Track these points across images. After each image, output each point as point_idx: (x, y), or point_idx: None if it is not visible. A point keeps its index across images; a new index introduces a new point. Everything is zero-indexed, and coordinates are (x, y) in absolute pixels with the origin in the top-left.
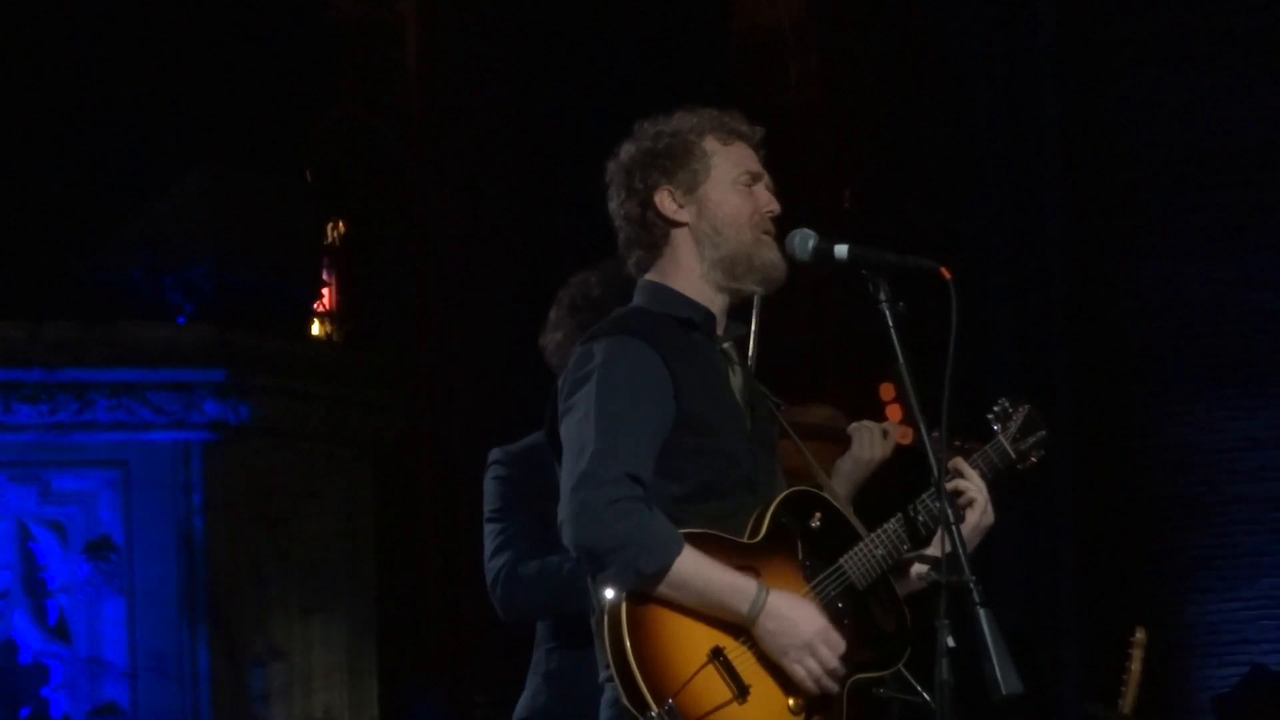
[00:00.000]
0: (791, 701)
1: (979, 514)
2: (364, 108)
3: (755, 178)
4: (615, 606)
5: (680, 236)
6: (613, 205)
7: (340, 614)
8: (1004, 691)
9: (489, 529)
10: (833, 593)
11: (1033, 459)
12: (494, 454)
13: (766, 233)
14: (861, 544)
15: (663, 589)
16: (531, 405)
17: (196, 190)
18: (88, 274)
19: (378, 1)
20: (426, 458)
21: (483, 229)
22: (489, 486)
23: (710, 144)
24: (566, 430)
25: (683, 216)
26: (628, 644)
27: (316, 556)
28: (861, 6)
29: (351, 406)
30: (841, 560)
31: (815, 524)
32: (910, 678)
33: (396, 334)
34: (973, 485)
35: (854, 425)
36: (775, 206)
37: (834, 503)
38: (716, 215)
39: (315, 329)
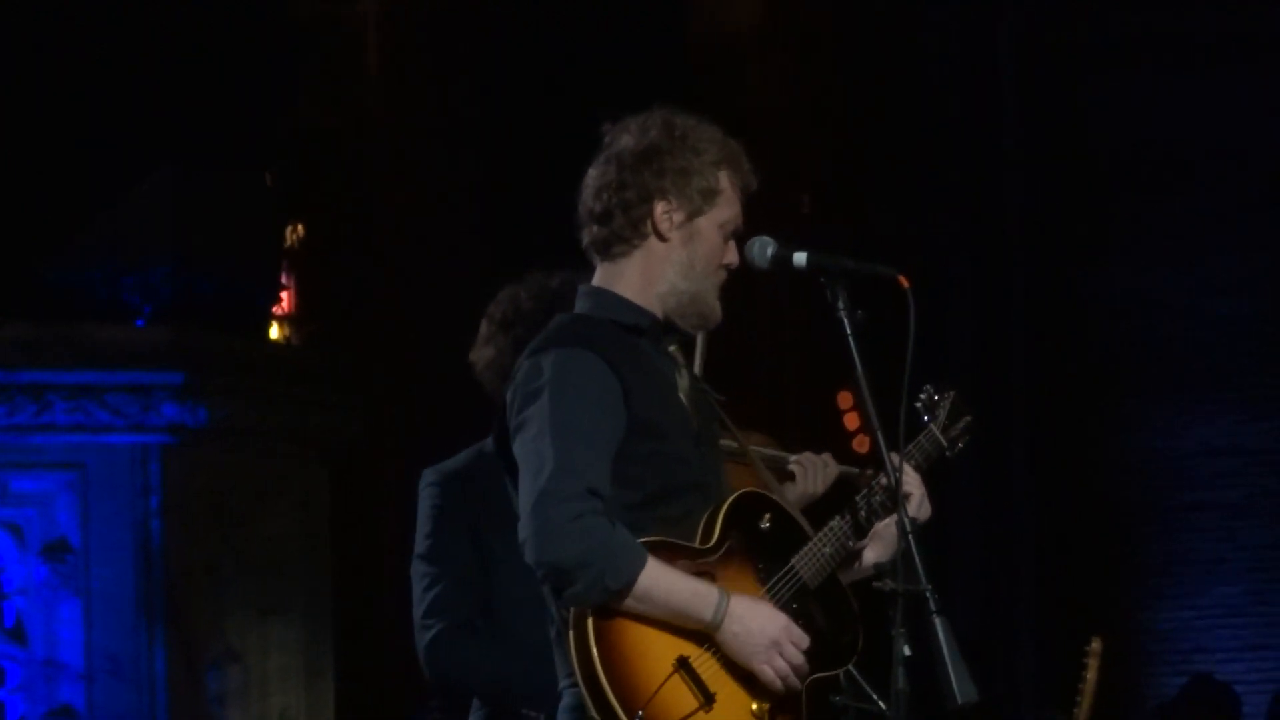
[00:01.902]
0: (755, 706)
1: (915, 507)
2: (324, 109)
3: (735, 233)
4: (581, 618)
5: (655, 249)
6: (603, 176)
7: (297, 616)
8: (960, 700)
9: (420, 568)
10: (787, 594)
11: (960, 445)
12: (428, 475)
13: (720, 283)
14: (811, 543)
15: (628, 602)
16: (490, 410)
17: (156, 192)
18: (47, 275)
19: (339, 1)
20: (384, 460)
21: (443, 231)
22: (424, 512)
23: (724, 180)
24: (521, 447)
25: (670, 235)
26: (595, 655)
27: (274, 558)
28: (821, 10)
29: (310, 409)
30: (793, 560)
31: (765, 525)
32: (866, 685)
33: (355, 337)
34: (908, 479)
35: (798, 459)
36: (736, 262)
37: (781, 503)
38: (697, 253)
39: (274, 332)
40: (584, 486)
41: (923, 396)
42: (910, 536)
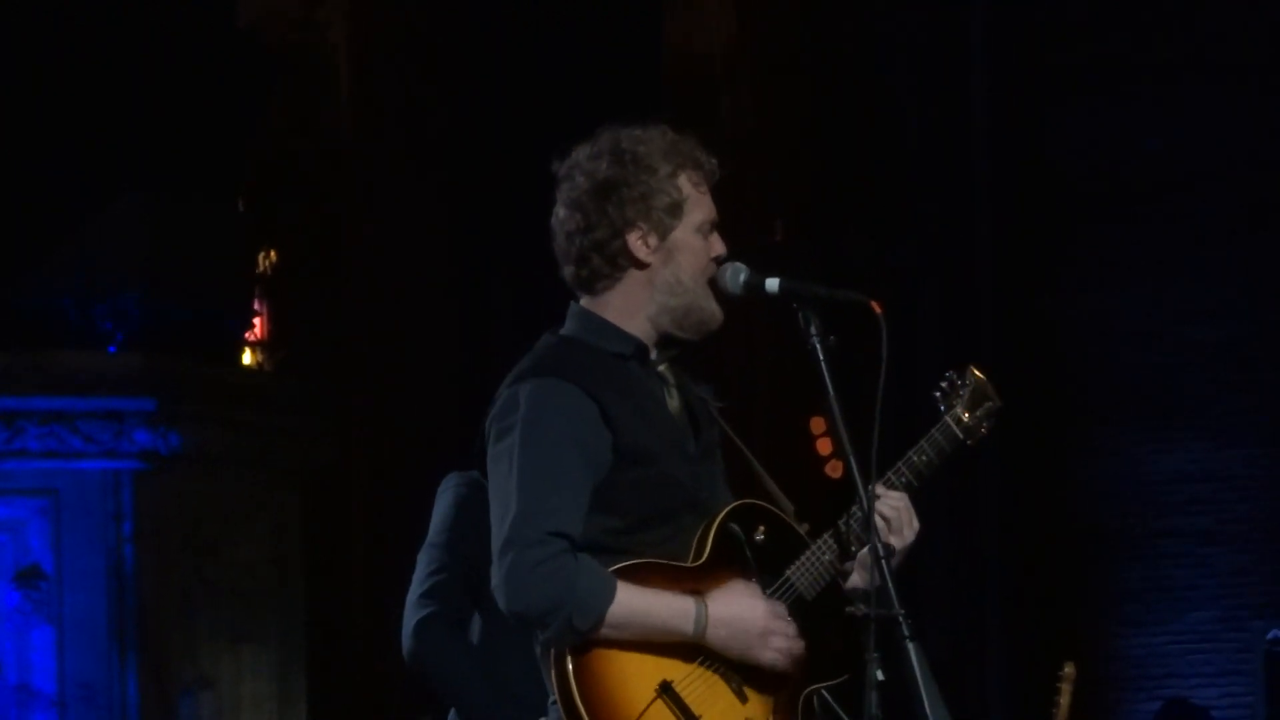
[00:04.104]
0: None
1: (902, 529)
2: (295, 136)
3: (713, 226)
4: (560, 653)
5: (637, 277)
6: (569, 221)
7: (269, 643)
8: None
9: (430, 553)
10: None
11: (983, 431)
12: (454, 477)
13: (710, 281)
14: (808, 552)
15: (606, 631)
16: (460, 435)
17: (127, 218)
18: (18, 302)
19: (309, 29)
20: (356, 486)
21: (414, 257)
22: (444, 506)
23: (684, 184)
24: (493, 482)
25: (649, 260)
26: (574, 685)
27: (246, 585)
28: (793, 37)
29: (281, 435)
30: (788, 572)
31: (760, 538)
32: (839, 710)
33: (327, 363)
34: (891, 504)
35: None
36: (723, 251)
37: (778, 511)
38: (682, 267)
39: (246, 358)
40: (547, 530)
41: (944, 384)
42: (885, 562)
